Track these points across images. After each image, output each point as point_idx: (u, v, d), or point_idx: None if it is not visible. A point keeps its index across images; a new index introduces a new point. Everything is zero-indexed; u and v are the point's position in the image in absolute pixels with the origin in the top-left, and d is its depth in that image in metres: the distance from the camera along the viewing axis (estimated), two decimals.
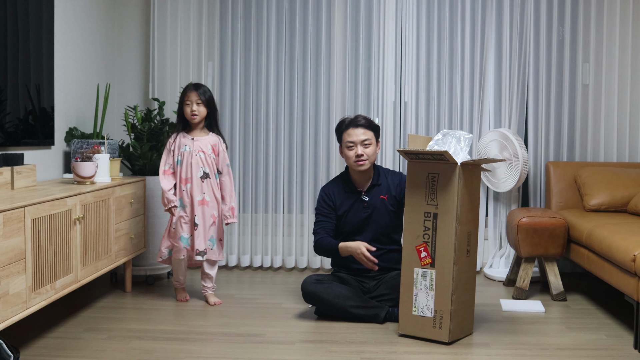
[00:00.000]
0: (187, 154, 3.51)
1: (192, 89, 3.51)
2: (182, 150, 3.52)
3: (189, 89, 3.51)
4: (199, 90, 3.49)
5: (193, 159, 3.51)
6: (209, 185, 3.54)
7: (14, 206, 2.53)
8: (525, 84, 4.38)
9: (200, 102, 3.50)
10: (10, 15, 3.20)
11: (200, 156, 3.52)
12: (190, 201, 3.52)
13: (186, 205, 3.52)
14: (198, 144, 3.53)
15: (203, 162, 3.52)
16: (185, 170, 3.51)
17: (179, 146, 3.53)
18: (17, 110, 3.31)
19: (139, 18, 4.61)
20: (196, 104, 3.49)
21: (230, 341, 2.99)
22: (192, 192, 3.51)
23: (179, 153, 3.53)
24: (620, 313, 3.45)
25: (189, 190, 3.51)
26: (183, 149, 3.52)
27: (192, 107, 3.49)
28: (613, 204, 3.93)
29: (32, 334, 3.06)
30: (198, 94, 3.49)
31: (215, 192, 3.56)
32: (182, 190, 3.52)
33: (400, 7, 4.40)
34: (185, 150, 3.52)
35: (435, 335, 2.97)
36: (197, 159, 3.51)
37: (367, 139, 3.36)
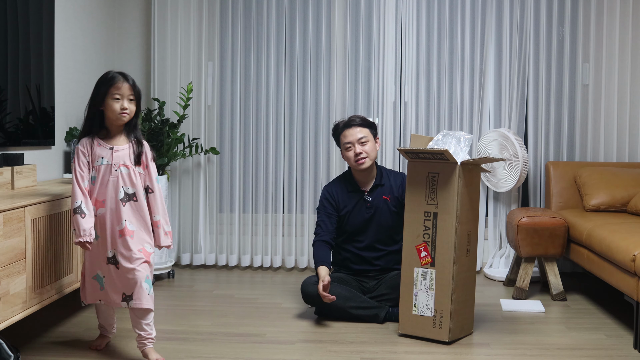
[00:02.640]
0: (103, 170, 2.61)
1: (122, 79, 2.63)
2: (96, 164, 2.61)
3: (117, 79, 2.62)
4: (129, 81, 2.65)
5: (112, 175, 2.61)
6: (135, 210, 2.65)
7: (14, 206, 2.53)
8: (525, 84, 4.39)
9: (132, 99, 2.64)
10: (10, 15, 3.21)
11: (122, 172, 2.62)
12: (106, 231, 2.62)
13: (98, 235, 2.63)
14: (119, 155, 2.62)
15: (125, 179, 2.63)
16: (99, 191, 2.61)
17: (93, 157, 2.62)
18: (17, 110, 3.31)
19: (139, 18, 4.61)
20: (128, 100, 2.62)
21: (230, 341, 2.99)
22: (107, 220, 2.62)
23: (93, 168, 2.62)
24: (620, 313, 3.45)
25: (103, 217, 2.62)
26: (98, 162, 2.61)
27: (123, 102, 2.61)
28: (613, 204, 3.93)
29: (32, 334, 3.06)
30: (130, 87, 2.64)
31: (145, 218, 2.68)
32: (94, 216, 2.61)
33: (400, 7, 4.40)
34: (101, 163, 2.60)
35: (435, 334, 2.97)
36: (116, 176, 2.61)
37: (363, 137, 3.36)
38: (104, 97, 2.60)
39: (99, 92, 2.61)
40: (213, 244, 4.57)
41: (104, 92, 2.60)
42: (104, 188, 2.62)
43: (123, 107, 2.61)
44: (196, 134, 4.49)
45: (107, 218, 2.62)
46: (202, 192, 4.52)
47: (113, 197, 2.62)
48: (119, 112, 2.61)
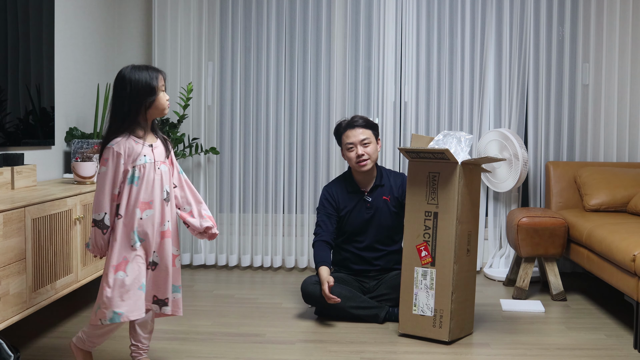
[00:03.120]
0: (148, 168, 2.40)
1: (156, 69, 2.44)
2: (139, 163, 2.38)
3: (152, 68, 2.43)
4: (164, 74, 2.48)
5: (156, 174, 2.42)
6: (171, 211, 2.50)
7: (14, 206, 2.53)
8: (525, 84, 4.39)
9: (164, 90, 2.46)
10: (10, 16, 3.20)
11: (162, 170, 2.45)
12: (151, 233, 2.41)
13: (143, 239, 2.41)
14: (158, 152, 2.45)
15: (165, 177, 2.46)
16: (145, 191, 2.39)
17: (131, 157, 2.37)
18: (17, 110, 3.31)
19: (139, 18, 4.61)
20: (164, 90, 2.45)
21: (230, 341, 2.99)
22: (155, 222, 2.42)
23: (135, 167, 2.38)
24: (620, 313, 3.45)
25: (150, 220, 2.40)
26: (141, 161, 2.38)
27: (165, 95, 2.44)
28: (613, 204, 3.93)
29: (32, 334, 3.06)
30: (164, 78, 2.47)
31: (175, 218, 2.54)
32: (138, 219, 2.38)
33: (400, 7, 4.40)
34: (144, 162, 2.39)
35: (435, 334, 2.97)
36: (159, 175, 2.43)
37: (365, 138, 3.36)
38: (144, 90, 2.36)
39: (150, 84, 2.37)
40: (213, 244, 4.57)
41: (155, 85, 2.38)
42: (149, 188, 2.39)
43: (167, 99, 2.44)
44: (196, 134, 4.49)
45: (155, 221, 2.40)
46: (202, 192, 4.52)
47: (159, 197, 2.42)
48: (164, 107, 2.43)
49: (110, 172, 2.35)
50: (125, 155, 2.35)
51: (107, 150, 2.35)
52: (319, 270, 3.25)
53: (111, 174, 2.35)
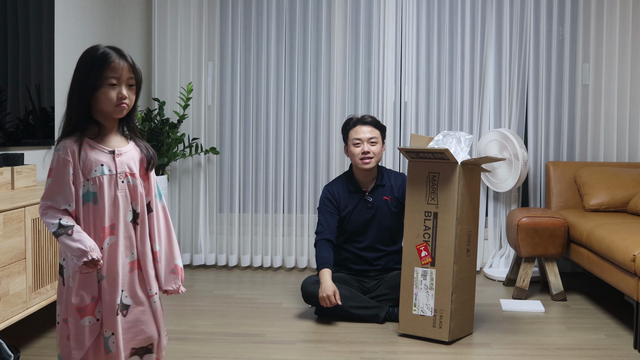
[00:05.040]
0: (107, 182, 1.85)
1: (118, 57, 1.86)
2: (93, 175, 1.84)
3: (111, 56, 1.84)
4: (129, 60, 1.88)
5: (119, 189, 1.87)
6: (143, 236, 1.92)
7: (14, 206, 2.53)
8: (525, 84, 4.39)
9: (132, 84, 1.89)
10: (10, 15, 3.21)
11: (130, 183, 1.89)
12: (117, 268, 1.85)
13: (103, 276, 1.85)
14: (123, 160, 1.89)
15: (132, 193, 1.90)
16: (106, 212, 1.84)
17: (86, 167, 1.83)
18: (17, 110, 3.31)
19: (139, 18, 4.61)
20: (127, 86, 1.87)
21: (230, 341, 2.99)
22: (119, 253, 1.86)
23: (89, 180, 1.83)
24: (620, 313, 3.45)
25: (114, 250, 1.85)
26: (96, 172, 1.84)
27: (121, 89, 1.85)
28: (613, 204, 3.93)
29: (32, 334, 3.06)
30: (130, 68, 1.87)
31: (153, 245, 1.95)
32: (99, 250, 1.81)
33: (400, 7, 4.40)
34: (101, 173, 1.84)
35: (435, 334, 2.97)
36: (123, 190, 1.88)
37: (373, 137, 3.37)
38: (96, 81, 1.82)
39: (89, 74, 1.81)
40: (213, 244, 4.57)
41: (95, 74, 1.81)
42: (110, 208, 1.85)
43: (121, 96, 1.84)
44: (196, 134, 4.49)
45: (119, 250, 1.85)
46: (202, 192, 4.52)
47: (123, 219, 1.86)
48: (116, 103, 1.84)
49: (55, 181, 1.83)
50: (76, 163, 1.82)
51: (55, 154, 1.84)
52: (321, 272, 3.25)
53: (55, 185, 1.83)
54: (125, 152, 1.90)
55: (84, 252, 1.75)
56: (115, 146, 1.89)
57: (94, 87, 1.82)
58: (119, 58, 1.84)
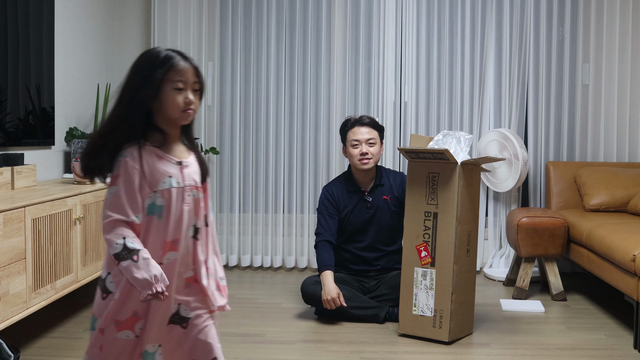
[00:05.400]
0: (175, 195, 1.72)
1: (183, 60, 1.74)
2: (161, 187, 1.70)
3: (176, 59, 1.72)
4: (193, 63, 1.76)
5: (185, 203, 1.74)
6: (203, 252, 1.82)
7: (14, 206, 2.53)
8: (525, 84, 4.39)
9: (197, 89, 1.76)
10: (10, 15, 3.21)
11: (194, 196, 1.77)
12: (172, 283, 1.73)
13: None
14: (190, 173, 1.76)
15: (196, 207, 1.78)
16: (171, 227, 1.72)
17: (153, 178, 1.70)
18: (17, 110, 3.31)
19: (139, 18, 4.61)
20: (193, 91, 1.74)
21: (230, 341, 2.99)
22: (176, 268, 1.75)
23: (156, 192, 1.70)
24: (620, 313, 3.45)
25: (172, 266, 1.73)
26: (164, 185, 1.71)
27: (187, 94, 1.72)
28: (613, 204, 3.93)
29: (32, 334, 3.06)
30: (194, 71, 1.74)
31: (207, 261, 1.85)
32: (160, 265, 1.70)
33: (400, 7, 4.40)
34: (169, 185, 1.71)
35: (435, 334, 2.97)
36: (190, 204, 1.75)
37: (371, 138, 3.37)
38: (160, 85, 1.68)
39: (151, 77, 1.68)
40: None
41: (160, 78, 1.68)
42: (175, 223, 1.71)
43: (188, 101, 1.70)
44: (196, 134, 4.48)
45: (176, 266, 1.73)
46: None
47: (185, 234, 1.74)
48: (183, 109, 1.70)
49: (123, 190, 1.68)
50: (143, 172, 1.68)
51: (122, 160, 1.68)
52: (323, 275, 3.25)
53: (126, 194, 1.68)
54: (190, 164, 1.77)
55: (149, 284, 1.63)
56: (180, 157, 1.75)
57: (157, 91, 1.69)
58: (184, 60, 1.73)
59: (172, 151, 1.74)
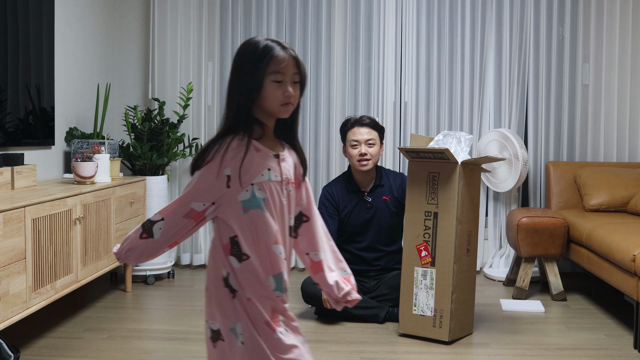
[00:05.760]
0: (275, 189, 1.64)
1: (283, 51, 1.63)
2: (260, 180, 1.62)
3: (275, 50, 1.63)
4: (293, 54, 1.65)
5: (283, 197, 1.66)
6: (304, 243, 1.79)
7: (14, 206, 2.53)
8: (525, 84, 4.39)
9: (297, 81, 1.66)
10: (10, 15, 3.21)
11: (289, 191, 1.69)
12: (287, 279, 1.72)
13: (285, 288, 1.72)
14: (287, 167, 1.68)
15: (291, 202, 1.70)
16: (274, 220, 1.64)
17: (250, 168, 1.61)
18: (17, 110, 3.31)
19: (139, 18, 4.61)
20: (292, 84, 1.65)
21: None
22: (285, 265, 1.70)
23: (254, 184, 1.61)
24: (620, 313, 3.45)
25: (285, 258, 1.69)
26: (263, 177, 1.62)
27: (286, 87, 1.63)
28: (613, 204, 3.93)
29: (32, 334, 3.06)
30: (294, 63, 1.64)
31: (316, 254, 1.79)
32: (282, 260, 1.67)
33: (400, 7, 4.40)
34: (268, 178, 1.63)
35: (435, 334, 2.97)
36: (287, 199, 1.68)
37: (371, 139, 3.37)
38: (260, 78, 1.63)
39: (252, 70, 1.64)
40: None
41: (260, 70, 1.63)
42: (277, 216, 1.65)
43: (288, 94, 1.62)
44: (196, 134, 4.49)
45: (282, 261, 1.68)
46: None
47: (286, 229, 1.69)
48: (283, 102, 1.63)
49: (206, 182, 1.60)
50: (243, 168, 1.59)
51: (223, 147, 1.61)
52: None
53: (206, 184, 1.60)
54: (286, 158, 1.69)
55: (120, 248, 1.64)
56: (276, 149, 1.68)
57: (258, 84, 1.63)
58: (284, 51, 1.63)
59: (269, 143, 1.67)
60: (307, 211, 1.76)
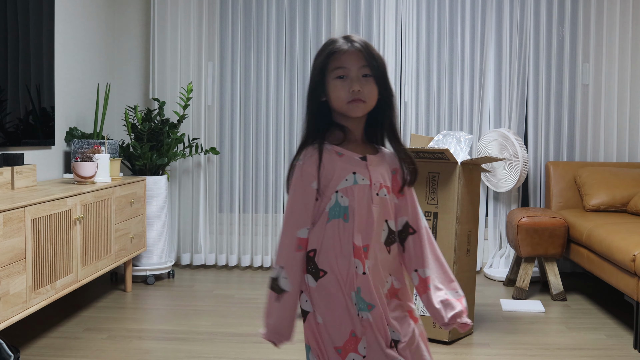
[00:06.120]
0: (360, 193, 1.50)
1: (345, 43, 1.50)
2: (344, 185, 1.50)
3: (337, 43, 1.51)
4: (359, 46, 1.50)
5: (374, 204, 1.51)
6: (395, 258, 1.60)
7: (14, 206, 2.53)
8: (525, 84, 4.39)
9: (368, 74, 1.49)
10: (10, 15, 3.21)
11: (383, 196, 1.53)
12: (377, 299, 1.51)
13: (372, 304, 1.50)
14: (378, 170, 1.54)
15: (385, 209, 1.54)
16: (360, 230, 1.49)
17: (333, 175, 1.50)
18: (17, 110, 3.31)
19: (139, 18, 4.61)
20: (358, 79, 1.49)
21: (230, 341, 2.99)
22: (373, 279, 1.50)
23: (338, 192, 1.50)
24: (620, 313, 3.45)
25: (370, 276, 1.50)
26: (348, 182, 1.50)
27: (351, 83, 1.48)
28: (613, 204, 3.93)
29: (32, 334, 3.06)
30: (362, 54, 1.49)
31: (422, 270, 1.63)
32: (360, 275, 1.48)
33: (400, 7, 4.40)
34: (353, 182, 1.50)
35: (435, 334, 2.97)
36: (379, 205, 1.52)
37: None
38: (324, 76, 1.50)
39: (317, 69, 1.52)
40: (213, 244, 4.57)
41: (321, 66, 1.51)
42: (364, 224, 1.49)
43: (352, 90, 1.47)
44: (196, 134, 4.49)
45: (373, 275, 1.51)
46: (202, 192, 4.52)
47: (378, 239, 1.52)
48: (348, 99, 1.48)
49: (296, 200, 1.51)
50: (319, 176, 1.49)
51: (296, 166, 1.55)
52: None
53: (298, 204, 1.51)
54: (378, 160, 1.54)
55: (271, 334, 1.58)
56: (364, 152, 1.54)
57: (322, 82, 1.51)
58: (347, 43, 1.49)
59: (354, 147, 1.53)
60: (414, 223, 1.57)
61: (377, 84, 1.49)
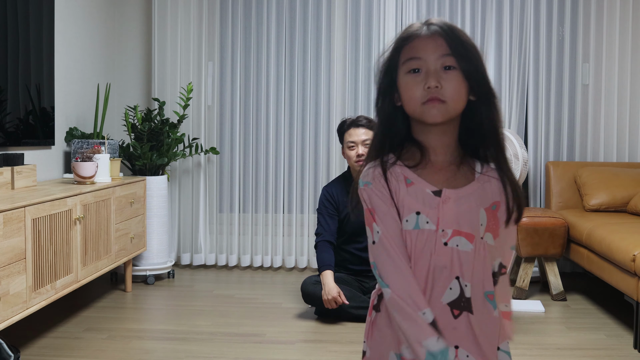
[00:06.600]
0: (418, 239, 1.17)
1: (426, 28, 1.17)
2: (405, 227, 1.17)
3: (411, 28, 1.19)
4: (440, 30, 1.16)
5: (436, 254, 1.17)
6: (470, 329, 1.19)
7: (14, 206, 2.53)
8: (525, 84, 4.39)
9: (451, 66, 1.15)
10: (10, 15, 3.21)
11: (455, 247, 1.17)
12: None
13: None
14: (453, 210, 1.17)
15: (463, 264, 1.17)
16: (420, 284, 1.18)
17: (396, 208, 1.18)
18: (17, 110, 3.31)
19: (139, 18, 4.61)
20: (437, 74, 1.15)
21: (230, 341, 2.99)
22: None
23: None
24: (620, 313, 3.45)
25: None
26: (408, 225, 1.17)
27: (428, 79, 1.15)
28: (613, 204, 3.93)
29: (32, 334, 3.06)
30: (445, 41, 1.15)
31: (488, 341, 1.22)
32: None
33: (400, 8, 4.40)
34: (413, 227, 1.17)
35: None
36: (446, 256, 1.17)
37: (368, 139, 3.36)
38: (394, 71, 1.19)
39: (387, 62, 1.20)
40: (213, 244, 4.57)
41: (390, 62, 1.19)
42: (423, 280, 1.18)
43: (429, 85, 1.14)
44: (196, 134, 4.49)
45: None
46: (202, 192, 4.52)
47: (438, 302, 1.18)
48: (424, 99, 1.15)
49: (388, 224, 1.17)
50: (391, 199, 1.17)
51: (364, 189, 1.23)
52: (323, 274, 3.25)
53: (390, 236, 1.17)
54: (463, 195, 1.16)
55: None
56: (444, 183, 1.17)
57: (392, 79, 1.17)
58: (421, 27, 1.17)
59: (434, 173, 1.17)
60: (506, 260, 1.26)
61: (467, 79, 1.15)
